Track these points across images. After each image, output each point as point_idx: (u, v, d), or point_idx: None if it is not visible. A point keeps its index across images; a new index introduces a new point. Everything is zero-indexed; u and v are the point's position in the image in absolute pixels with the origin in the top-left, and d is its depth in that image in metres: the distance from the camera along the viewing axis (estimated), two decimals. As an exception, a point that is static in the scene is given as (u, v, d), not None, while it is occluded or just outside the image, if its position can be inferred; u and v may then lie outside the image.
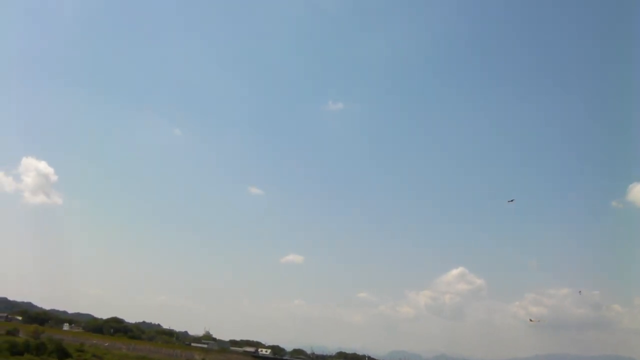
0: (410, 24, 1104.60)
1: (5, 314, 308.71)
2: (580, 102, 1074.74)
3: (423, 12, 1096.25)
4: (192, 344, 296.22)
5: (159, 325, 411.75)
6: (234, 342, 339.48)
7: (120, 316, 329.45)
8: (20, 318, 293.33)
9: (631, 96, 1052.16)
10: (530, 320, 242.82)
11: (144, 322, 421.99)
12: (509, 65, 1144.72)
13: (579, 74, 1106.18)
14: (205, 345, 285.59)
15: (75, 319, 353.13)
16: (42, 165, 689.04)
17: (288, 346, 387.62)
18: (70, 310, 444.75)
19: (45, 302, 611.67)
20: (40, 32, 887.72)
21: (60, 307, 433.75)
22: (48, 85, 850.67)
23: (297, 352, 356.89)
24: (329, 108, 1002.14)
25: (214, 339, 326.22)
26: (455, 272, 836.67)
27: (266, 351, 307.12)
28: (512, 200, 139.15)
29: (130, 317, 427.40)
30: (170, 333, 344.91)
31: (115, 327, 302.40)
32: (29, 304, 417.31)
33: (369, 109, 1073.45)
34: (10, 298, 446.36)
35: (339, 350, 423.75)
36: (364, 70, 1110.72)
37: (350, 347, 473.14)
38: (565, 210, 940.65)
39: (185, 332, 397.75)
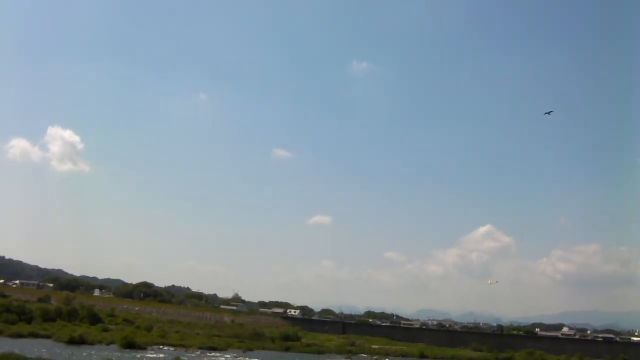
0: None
1: (37, 282, 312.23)
2: (609, 56, 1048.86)
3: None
4: (222, 307, 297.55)
5: (188, 289, 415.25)
6: (263, 304, 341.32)
7: (150, 281, 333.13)
8: (51, 285, 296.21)
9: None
10: (490, 283, 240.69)
11: (173, 286, 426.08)
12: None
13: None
14: (234, 308, 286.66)
15: (106, 285, 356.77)
16: (68, 134, 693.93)
17: (317, 307, 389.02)
18: (101, 276, 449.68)
19: (75, 269, 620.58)
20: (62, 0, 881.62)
21: (90, 274, 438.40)
22: (70, 54, 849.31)
23: (326, 313, 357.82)
24: (353, 68, 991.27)
25: (243, 302, 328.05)
26: (482, 230, 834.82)
27: (295, 312, 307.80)
28: (549, 113, 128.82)
29: (160, 281, 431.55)
30: (199, 296, 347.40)
31: (146, 292, 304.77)
32: (60, 272, 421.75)
33: (394, 68, 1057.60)
34: (42, 266, 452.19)
35: (367, 310, 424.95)
36: (387, 29, 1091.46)
37: (379, 307, 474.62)
38: (594, 165, 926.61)
39: (215, 295, 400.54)
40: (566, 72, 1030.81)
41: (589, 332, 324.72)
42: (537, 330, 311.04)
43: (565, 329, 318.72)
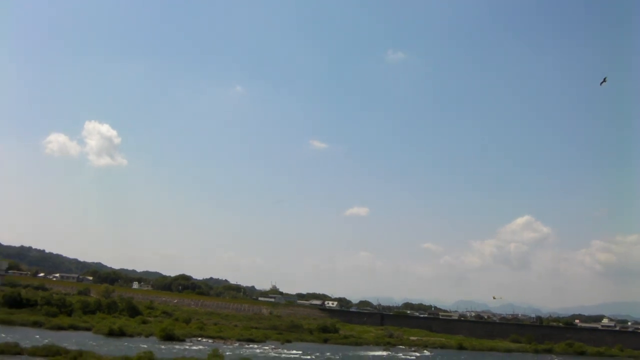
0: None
1: (76, 275, 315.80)
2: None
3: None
4: (259, 299, 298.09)
5: (226, 281, 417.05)
6: (300, 296, 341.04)
7: (187, 273, 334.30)
8: (90, 278, 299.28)
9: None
10: (494, 298, 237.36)
11: (211, 278, 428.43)
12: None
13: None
14: (272, 300, 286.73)
15: (144, 278, 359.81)
16: (105, 128, 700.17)
17: (354, 298, 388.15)
18: (139, 269, 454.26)
19: (114, 262, 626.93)
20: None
21: (128, 267, 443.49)
22: (105, 49, 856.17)
23: (364, 304, 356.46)
24: (388, 58, 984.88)
25: (281, 293, 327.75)
26: (520, 220, 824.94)
27: (333, 304, 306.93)
28: (604, 81, 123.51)
29: (198, 274, 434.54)
30: (237, 288, 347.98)
31: (184, 284, 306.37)
32: (99, 264, 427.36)
33: (429, 57, 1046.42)
34: (81, 259, 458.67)
35: (405, 301, 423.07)
36: (421, 18, 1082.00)
37: (416, 298, 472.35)
38: (633, 154, 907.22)
39: (252, 287, 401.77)
40: (602, 59, 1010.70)
41: (629, 323, 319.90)
42: (577, 321, 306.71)
43: (605, 320, 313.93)
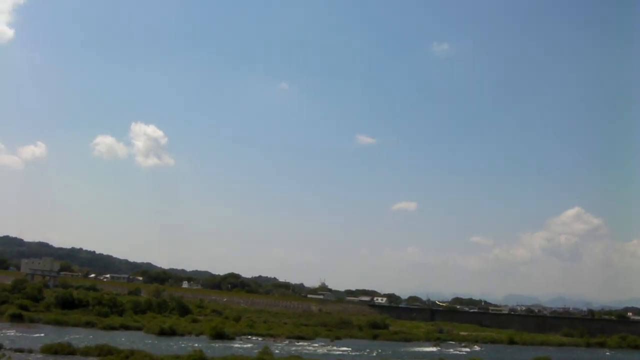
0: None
1: (126, 275, 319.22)
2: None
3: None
4: (309, 296, 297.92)
5: (275, 278, 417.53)
6: (349, 292, 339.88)
7: (236, 272, 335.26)
8: (141, 278, 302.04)
9: None
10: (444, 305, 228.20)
11: (260, 276, 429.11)
12: None
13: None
14: (321, 296, 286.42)
15: (194, 277, 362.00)
16: (151, 129, 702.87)
17: (403, 294, 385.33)
18: (188, 268, 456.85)
19: (163, 261, 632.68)
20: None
21: (178, 266, 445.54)
22: (148, 49, 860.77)
23: (413, 300, 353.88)
24: (434, 49, 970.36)
25: (330, 290, 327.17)
26: (570, 212, 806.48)
27: (382, 300, 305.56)
28: None
29: (247, 272, 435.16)
30: (286, 286, 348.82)
31: (233, 283, 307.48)
32: (149, 264, 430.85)
33: (476, 48, 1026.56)
34: (131, 259, 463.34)
35: (454, 296, 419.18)
36: (465, 7, 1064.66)
37: (466, 293, 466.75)
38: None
39: (301, 284, 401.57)
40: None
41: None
42: (630, 314, 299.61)
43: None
